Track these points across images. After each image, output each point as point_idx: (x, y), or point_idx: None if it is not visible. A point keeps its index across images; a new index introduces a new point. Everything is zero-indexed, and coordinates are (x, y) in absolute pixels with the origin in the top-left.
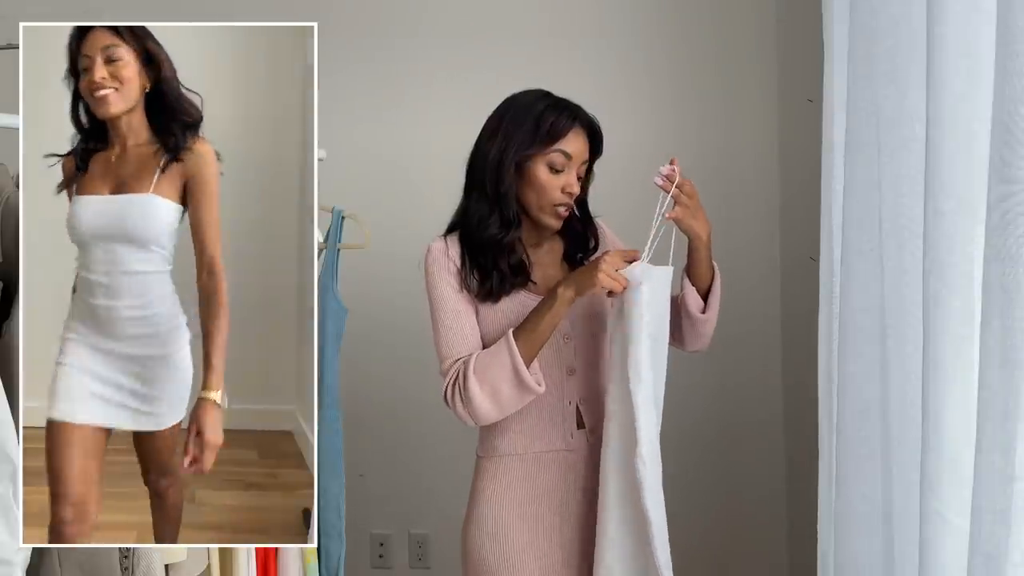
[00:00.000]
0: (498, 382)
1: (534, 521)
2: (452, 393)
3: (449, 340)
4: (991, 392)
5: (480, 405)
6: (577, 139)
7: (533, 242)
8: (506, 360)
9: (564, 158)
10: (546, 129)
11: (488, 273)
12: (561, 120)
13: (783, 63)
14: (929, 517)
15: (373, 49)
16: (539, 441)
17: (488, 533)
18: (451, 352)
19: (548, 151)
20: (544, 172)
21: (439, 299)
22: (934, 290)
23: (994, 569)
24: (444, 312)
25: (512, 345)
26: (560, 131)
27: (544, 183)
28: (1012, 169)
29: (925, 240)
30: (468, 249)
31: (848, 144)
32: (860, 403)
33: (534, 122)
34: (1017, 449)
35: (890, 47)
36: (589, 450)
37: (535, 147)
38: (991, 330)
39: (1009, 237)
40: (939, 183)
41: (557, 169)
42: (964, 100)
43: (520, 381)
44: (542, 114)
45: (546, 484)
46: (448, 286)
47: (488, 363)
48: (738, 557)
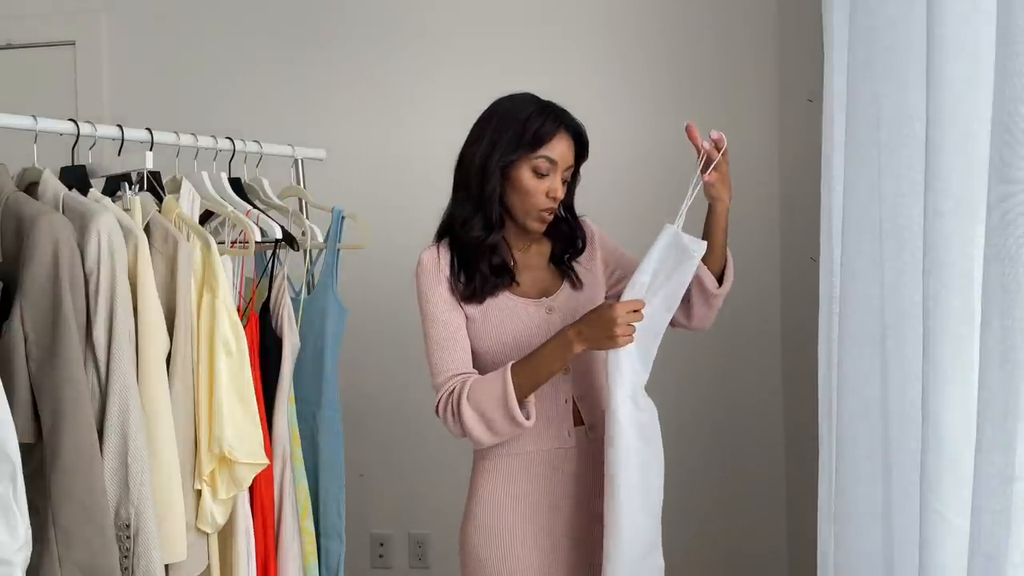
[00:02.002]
0: (490, 412)
1: (530, 519)
2: (445, 409)
3: (441, 355)
4: (991, 392)
5: (472, 429)
6: (562, 144)
7: (520, 244)
8: (499, 391)
9: (549, 163)
10: (531, 135)
11: (472, 274)
12: (547, 126)
13: (783, 63)
14: (929, 517)
15: (373, 49)
16: (534, 439)
17: (485, 531)
18: (443, 367)
19: (533, 156)
20: (529, 177)
21: (430, 313)
22: (934, 290)
23: (994, 569)
24: (435, 327)
25: (508, 378)
26: (545, 137)
27: (529, 188)
28: (1012, 169)
29: (925, 240)
30: (456, 252)
31: (848, 144)
32: (860, 403)
33: (520, 127)
34: (1017, 449)
35: (890, 47)
36: (587, 447)
37: (520, 152)
38: (991, 330)
39: (1009, 237)
40: (939, 183)
41: (542, 174)
42: (964, 100)
43: (510, 415)
44: (528, 119)
45: (542, 482)
46: (439, 298)
47: (482, 391)
48: (738, 557)
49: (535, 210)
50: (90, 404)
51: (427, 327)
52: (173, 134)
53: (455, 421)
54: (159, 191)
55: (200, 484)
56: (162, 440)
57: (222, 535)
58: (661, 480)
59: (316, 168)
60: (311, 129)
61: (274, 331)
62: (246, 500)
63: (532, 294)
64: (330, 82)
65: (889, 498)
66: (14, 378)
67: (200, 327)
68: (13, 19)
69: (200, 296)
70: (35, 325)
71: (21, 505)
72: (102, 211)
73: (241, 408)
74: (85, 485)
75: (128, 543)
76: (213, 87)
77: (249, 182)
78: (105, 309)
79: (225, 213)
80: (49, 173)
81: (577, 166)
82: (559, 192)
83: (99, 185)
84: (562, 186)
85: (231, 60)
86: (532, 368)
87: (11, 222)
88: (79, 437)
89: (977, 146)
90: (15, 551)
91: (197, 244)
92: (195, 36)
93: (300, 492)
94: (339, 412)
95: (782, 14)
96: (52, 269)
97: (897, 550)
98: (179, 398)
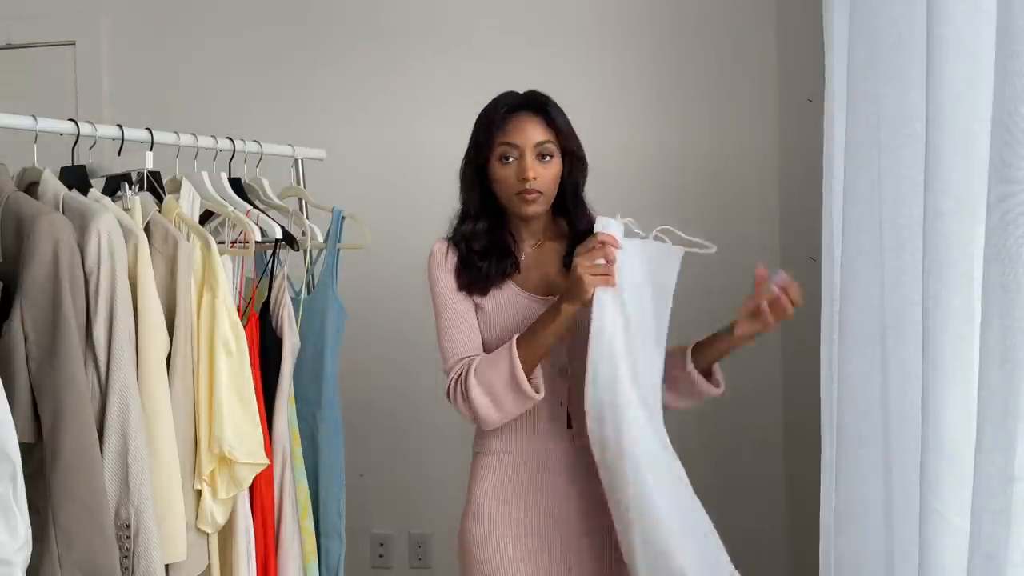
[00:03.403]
0: (497, 387)
1: (524, 518)
2: (454, 391)
3: (450, 340)
4: (991, 392)
5: (480, 407)
6: (519, 127)
7: (531, 241)
8: (505, 366)
9: (509, 147)
10: (484, 128)
11: (473, 265)
12: (496, 115)
13: (783, 63)
14: (929, 517)
15: (373, 49)
16: (530, 439)
17: (481, 529)
18: (452, 352)
19: (495, 147)
20: (497, 167)
21: (440, 299)
22: (934, 290)
23: (994, 569)
24: (445, 312)
25: (513, 352)
26: (496, 126)
27: (500, 177)
28: (1012, 169)
29: (925, 240)
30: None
31: (848, 144)
32: (860, 403)
33: (480, 126)
34: (1017, 449)
35: (890, 47)
36: (576, 451)
37: (484, 148)
38: (991, 330)
39: (1009, 237)
40: (939, 183)
41: (508, 159)
42: (964, 100)
43: (518, 387)
44: (485, 115)
45: (536, 482)
46: (448, 286)
47: (488, 368)
48: (738, 557)
49: (512, 194)
50: (90, 404)
51: (437, 312)
52: (173, 134)
53: (464, 401)
54: (159, 191)
55: (200, 484)
56: (162, 440)
57: (222, 535)
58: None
59: (316, 168)
60: (311, 129)
61: (274, 331)
62: (246, 500)
63: (540, 291)
64: (330, 82)
65: (889, 498)
66: (14, 378)
67: (200, 327)
68: (13, 19)
69: (200, 296)
70: (35, 325)
71: (21, 505)
72: (102, 211)
73: (241, 408)
74: (85, 485)
75: (128, 543)
76: (213, 87)
77: (249, 182)
78: (105, 309)
79: (225, 213)
80: (49, 173)
81: (560, 140)
82: (528, 172)
83: (99, 185)
84: (538, 164)
85: (231, 60)
86: (533, 340)
87: (11, 222)
88: (79, 437)
89: (977, 146)
90: (15, 551)
91: (197, 244)
92: (195, 36)
93: (300, 492)
94: (339, 412)
95: (782, 14)
96: (52, 269)
97: (897, 550)
98: (179, 398)
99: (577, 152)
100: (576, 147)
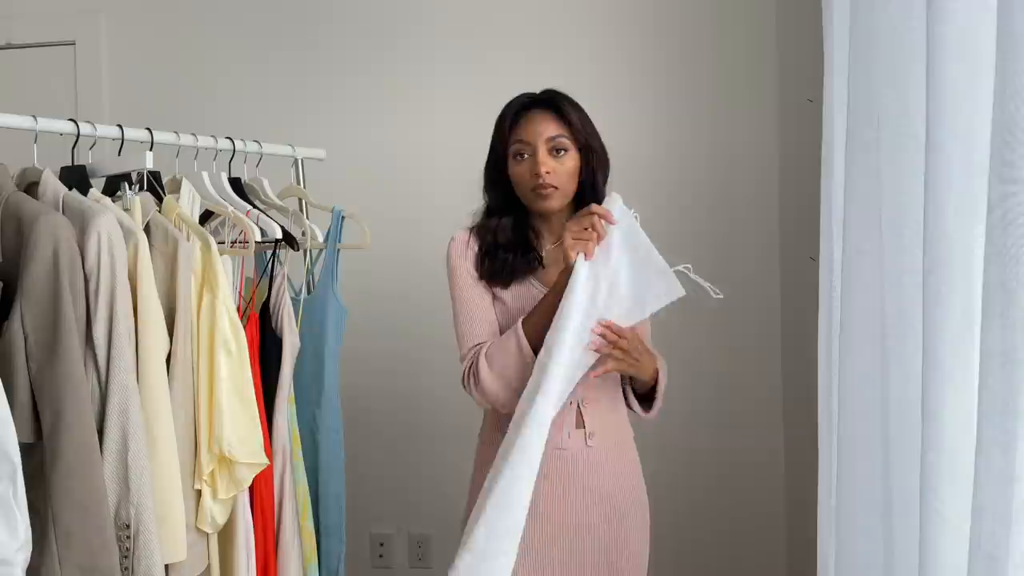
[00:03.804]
0: (509, 368)
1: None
2: (468, 377)
3: (467, 328)
4: (991, 392)
5: (489, 386)
6: (530, 123)
7: (554, 239)
8: (512, 344)
9: (522, 145)
10: (499, 127)
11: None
12: (507, 117)
13: (783, 63)
14: (929, 517)
15: (373, 49)
16: None
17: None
18: (467, 339)
19: (509, 146)
20: (513, 164)
21: (458, 288)
22: (934, 290)
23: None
24: (462, 301)
25: (520, 332)
26: (508, 125)
27: (515, 174)
28: (1012, 169)
29: (925, 240)
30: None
31: (848, 144)
32: (860, 403)
33: (496, 125)
34: (1017, 449)
35: (890, 47)
36: (585, 451)
37: (501, 147)
38: (991, 330)
39: (1009, 237)
40: (939, 183)
41: (522, 156)
42: (964, 100)
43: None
44: (500, 115)
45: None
46: (467, 275)
47: (497, 349)
48: (738, 557)
49: (528, 190)
50: (90, 404)
51: (455, 301)
52: (173, 134)
53: (476, 385)
54: (159, 191)
55: (200, 484)
56: (162, 440)
57: (222, 535)
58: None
59: (316, 168)
60: (311, 129)
61: (274, 331)
62: (246, 500)
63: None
64: (330, 82)
65: (889, 498)
66: (14, 378)
67: (200, 327)
68: (13, 19)
69: (200, 296)
70: (35, 325)
71: (21, 505)
72: (102, 211)
73: (241, 408)
74: (85, 485)
75: (128, 543)
76: (213, 87)
77: (249, 182)
78: (105, 309)
79: (225, 213)
80: (49, 173)
81: (574, 135)
82: (540, 167)
83: (99, 185)
84: (551, 159)
85: (231, 60)
86: (538, 318)
87: (11, 222)
88: (79, 437)
89: (977, 146)
90: (15, 551)
91: (197, 244)
92: (195, 36)
93: (300, 492)
94: (339, 412)
95: (782, 14)
96: (52, 269)
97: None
98: (179, 398)
99: (594, 146)
100: (592, 140)
